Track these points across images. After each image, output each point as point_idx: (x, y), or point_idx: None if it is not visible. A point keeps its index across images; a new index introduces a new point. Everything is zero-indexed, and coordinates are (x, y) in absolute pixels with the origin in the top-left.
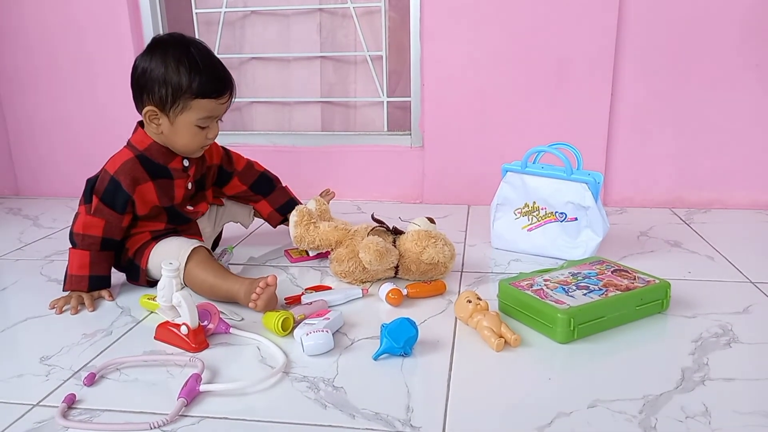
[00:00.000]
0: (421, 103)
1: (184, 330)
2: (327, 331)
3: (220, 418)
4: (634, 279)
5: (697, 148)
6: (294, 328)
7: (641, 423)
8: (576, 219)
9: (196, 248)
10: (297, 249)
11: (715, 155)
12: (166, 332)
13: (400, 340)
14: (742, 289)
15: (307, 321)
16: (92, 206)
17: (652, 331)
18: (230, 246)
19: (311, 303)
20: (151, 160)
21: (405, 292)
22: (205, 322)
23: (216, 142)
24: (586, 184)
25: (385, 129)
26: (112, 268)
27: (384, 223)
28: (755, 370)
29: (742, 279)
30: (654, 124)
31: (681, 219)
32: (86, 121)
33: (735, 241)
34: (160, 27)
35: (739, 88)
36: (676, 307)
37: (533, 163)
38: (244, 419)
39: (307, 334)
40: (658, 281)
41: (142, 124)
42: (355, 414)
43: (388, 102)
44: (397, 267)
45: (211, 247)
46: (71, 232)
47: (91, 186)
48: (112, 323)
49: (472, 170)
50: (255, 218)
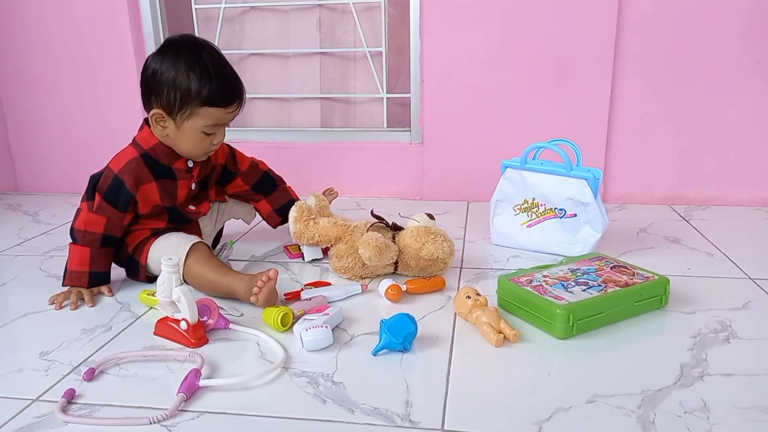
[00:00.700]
0: (421, 100)
1: (183, 325)
2: (326, 327)
3: (220, 413)
4: (633, 275)
5: (696, 145)
6: (293, 324)
7: (640, 418)
8: (575, 215)
9: (195, 244)
10: (296, 245)
11: (715, 152)
12: (166, 328)
13: (400, 336)
14: (741, 285)
15: (306, 317)
16: (94, 203)
17: (651, 327)
18: (230, 241)
19: (310, 299)
20: (155, 160)
21: (404, 288)
22: (205, 318)
23: (223, 142)
24: (586, 181)
25: (385, 125)
26: (112, 264)
27: (383, 219)
28: (754, 365)
29: (741, 275)
30: (653, 121)
31: (680, 215)
32: (85, 118)
33: (734, 238)
34: (160, 23)
35: (739, 86)
36: (675, 303)
37: (533, 160)
38: (243, 414)
39: (307, 330)
40: (657, 277)
41: (149, 122)
42: (355, 409)
43: (387, 98)
44: (396, 263)
45: (212, 244)
46: (72, 228)
47: (94, 183)
48: (112, 319)
49: (471, 166)
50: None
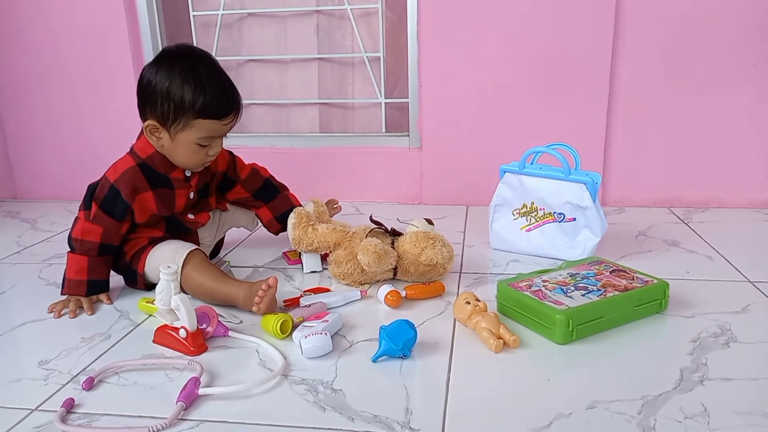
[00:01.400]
0: (419, 104)
1: (182, 333)
2: (326, 334)
3: (219, 422)
4: (633, 279)
5: (694, 148)
6: (293, 331)
7: (640, 423)
8: (574, 219)
9: (192, 252)
10: (295, 251)
11: (713, 154)
12: (165, 335)
13: (399, 342)
14: (741, 288)
15: (305, 323)
16: (91, 213)
17: (650, 332)
18: (227, 262)
19: (310, 305)
20: (152, 169)
21: (404, 294)
22: (204, 325)
23: (223, 149)
24: (584, 185)
25: (383, 130)
26: (111, 272)
27: (382, 225)
28: (754, 369)
29: (740, 278)
30: (652, 124)
31: (679, 218)
32: (84, 125)
33: (733, 241)
34: (158, 30)
35: (736, 88)
36: (675, 307)
37: (531, 164)
38: (243, 422)
39: (306, 337)
40: (656, 281)
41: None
42: (354, 417)
43: (385, 103)
44: (395, 268)
45: (213, 251)
46: (70, 237)
47: (91, 192)
48: (111, 327)
49: (470, 171)
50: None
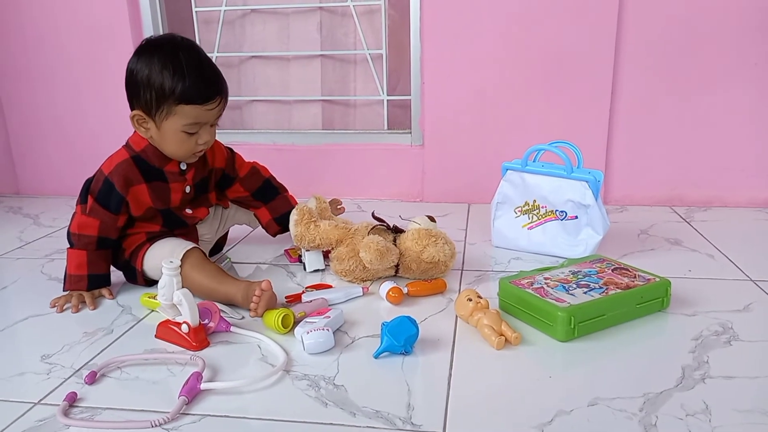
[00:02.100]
0: (421, 102)
1: (184, 328)
2: (327, 330)
3: (221, 417)
4: (635, 277)
5: (697, 146)
6: (294, 327)
7: (641, 421)
8: (576, 217)
9: (189, 250)
10: (297, 248)
11: (715, 153)
12: (167, 331)
13: (401, 339)
14: (743, 287)
15: (307, 319)
16: (87, 206)
17: (652, 329)
18: (228, 259)
19: (312, 301)
20: (146, 162)
21: (405, 291)
22: (206, 321)
23: (221, 143)
24: (587, 183)
25: (386, 127)
26: (111, 267)
27: (384, 222)
28: (755, 367)
29: (742, 277)
30: (654, 122)
31: (681, 217)
32: (86, 121)
33: (735, 239)
34: (160, 25)
35: (738, 87)
36: (677, 305)
37: (533, 162)
38: (244, 417)
39: (308, 333)
40: (658, 279)
41: None
42: (356, 412)
43: (388, 100)
44: (397, 266)
45: (216, 248)
46: (68, 232)
47: (87, 186)
48: (113, 322)
49: (472, 168)
50: None
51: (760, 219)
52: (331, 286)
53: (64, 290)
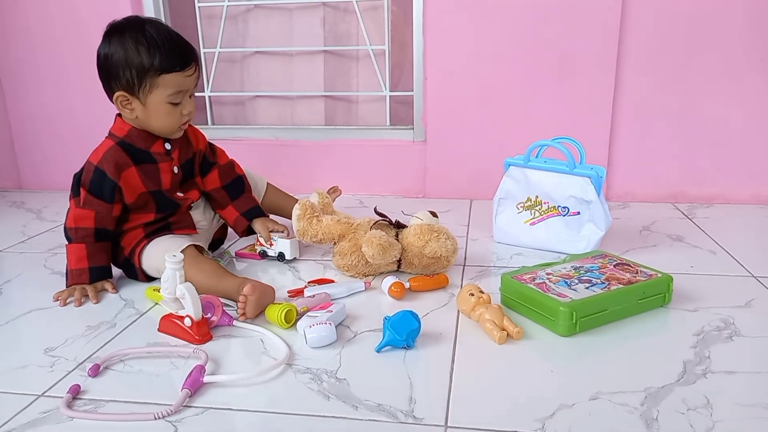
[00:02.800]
0: (424, 98)
1: (187, 322)
2: (330, 324)
3: (224, 409)
4: (637, 273)
5: (699, 143)
6: (297, 321)
7: (643, 415)
8: (578, 213)
9: (186, 248)
10: (252, 245)
11: (718, 150)
12: (170, 324)
13: (403, 333)
14: (744, 283)
15: (310, 313)
16: (81, 199)
17: (654, 325)
18: (228, 253)
19: (314, 296)
20: (132, 146)
21: (407, 286)
22: (209, 315)
23: (201, 131)
24: (589, 179)
25: (388, 123)
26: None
27: (387, 217)
28: (756, 363)
29: (744, 273)
30: (657, 119)
31: (683, 213)
32: (89, 115)
33: (737, 236)
34: (163, 21)
35: (742, 83)
36: (678, 301)
37: (536, 157)
38: (247, 410)
39: (310, 327)
40: (660, 275)
41: (121, 115)
42: (358, 405)
43: (390, 96)
44: (399, 261)
45: (216, 244)
46: (65, 228)
47: (77, 179)
48: (116, 315)
49: (474, 164)
50: None
51: (763, 215)
52: (333, 281)
53: (66, 286)
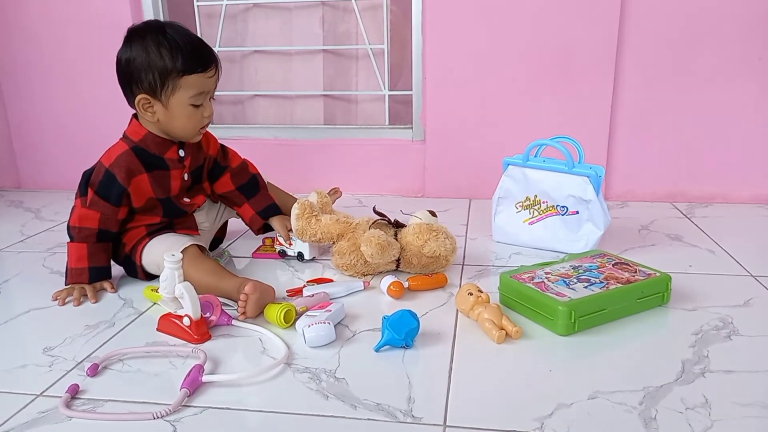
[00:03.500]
0: (423, 97)
1: (186, 321)
2: (329, 323)
3: (223, 409)
4: (635, 272)
5: (698, 142)
6: (296, 320)
7: (641, 414)
8: (577, 212)
9: (187, 247)
10: (269, 245)
11: (717, 149)
12: (169, 324)
13: (402, 332)
14: (743, 282)
15: (308, 313)
16: (87, 199)
17: (652, 324)
18: (227, 252)
19: (313, 295)
20: (146, 151)
21: (406, 285)
22: (208, 314)
23: (214, 135)
24: (588, 178)
25: (387, 122)
26: (112, 262)
27: (385, 216)
28: (755, 362)
29: (742, 272)
30: (656, 118)
31: (682, 213)
32: (88, 114)
33: (736, 235)
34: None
35: (741, 82)
36: (677, 300)
37: (535, 157)
38: (246, 410)
39: (309, 326)
40: (659, 274)
41: (137, 116)
42: (357, 405)
43: (389, 95)
44: (398, 260)
45: (215, 243)
46: (68, 226)
47: (86, 178)
48: (115, 315)
49: (473, 164)
50: None
51: (762, 215)
52: (332, 280)
53: (66, 285)
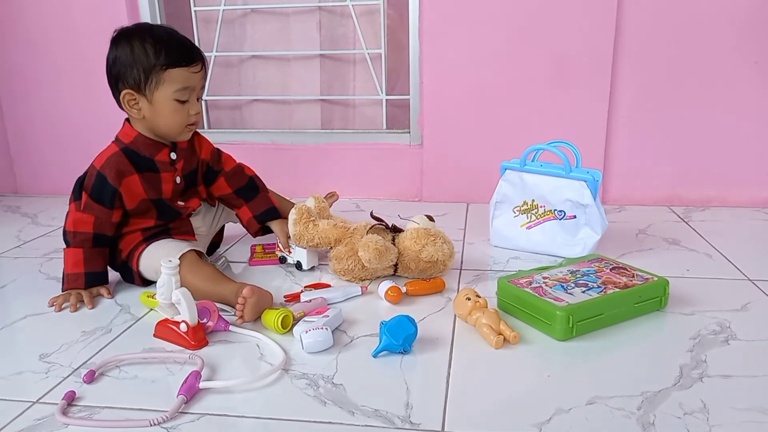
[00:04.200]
0: (420, 101)
1: (183, 327)
2: (326, 329)
3: (220, 415)
4: (633, 276)
5: (695, 146)
6: (293, 326)
7: (640, 419)
8: (575, 217)
9: (185, 253)
10: (268, 252)
11: (714, 153)
12: (166, 330)
13: (400, 338)
14: (740, 286)
15: (306, 318)
16: (81, 203)
17: (650, 329)
18: (224, 258)
19: (310, 300)
20: (137, 153)
21: (404, 290)
22: (205, 320)
23: (208, 139)
24: (585, 182)
25: (384, 127)
26: (108, 267)
27: (383, 221)
28: (753, 366)
29: (740, 276)
30: (653, 122)
31: (679, 217)
32: (85, 119)
33: (733, 239)
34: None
35: (738, 86)
36: (675, 305)
37: (532, 161)
38: (243, 416)
39: (307, 332)
40: (656, 279)
41: (129, 120)
42: (355, 411)
43: (387, 100)
44: (396, 265)
45: (212, 248)
46: (64, 231)
47: (80, 183)
48: (112, 321)
49: (470, 168)
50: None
51: (759, 219)
52: (329, 286)
53: (62, 291)
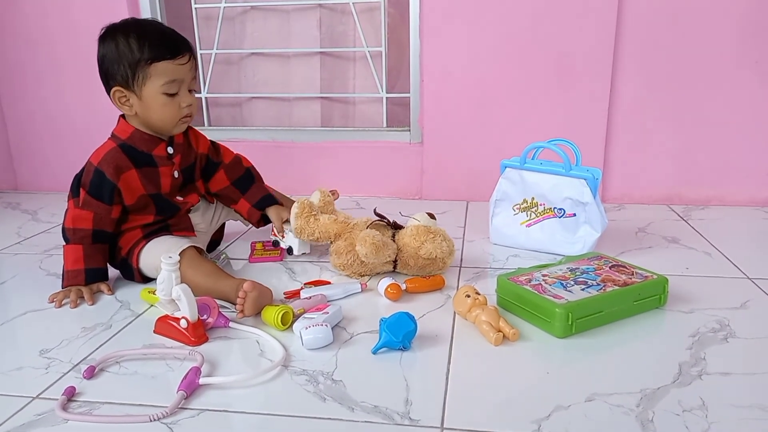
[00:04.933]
0: (420, 99)
1: (183, 324)
2: (326, 325)
3: (220, 411)
4: (632, 274)
5: (695, 145)
6: (293, 322)
7: (638, 416)
8: (574, 215)
9: (185, 249)
10: (262, 248)
11: (714, 152)
12: (166, 326)
13: (399, 334)
14: (740, 284)
15: (306, 315)
16: (80, 199)
17: (649, 326)
18: (225, 255)
19: (310, 297)
20: (134, 148)
21: (404, 287)
22: (205, 316)
23: (203, 134)
24: (585, 180)
25: (385, 125)
26: (108, 264)
27: (385, 218)
28: (752, 364)
29: (739, 275)
30: (653, 121)
31: (679, 215)
32: (85, 116)
33: (733, 238)
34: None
35: (738, 85)
36: (674, 303)
37: (532, 159)
38: (243, 412)
39: (306, 328)
40: (656, 276)
41: (125, 116)
42: (354, 407)
43: (387, 98)
44: (396, 262)
45: (213, 245)
46: (63, 228)
47: (77, 180)
48: (112, 317)
49: (470, 166)
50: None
51: (759, 218)
52: (329, 283)
53: (62, 287)
